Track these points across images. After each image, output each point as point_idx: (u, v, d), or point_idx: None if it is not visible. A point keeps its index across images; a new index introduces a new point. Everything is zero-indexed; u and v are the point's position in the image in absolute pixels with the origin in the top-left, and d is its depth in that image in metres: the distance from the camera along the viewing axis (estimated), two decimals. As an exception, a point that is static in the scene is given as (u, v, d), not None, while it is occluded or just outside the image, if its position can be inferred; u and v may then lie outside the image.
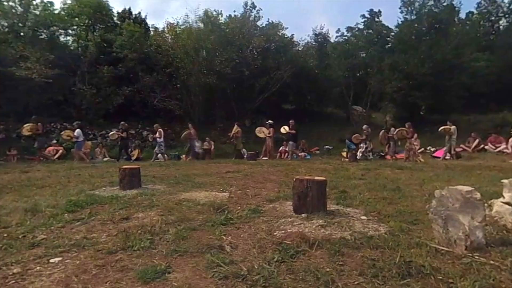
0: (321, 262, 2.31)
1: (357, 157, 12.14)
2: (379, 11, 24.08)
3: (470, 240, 2.49)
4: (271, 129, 13.35)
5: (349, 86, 22.67)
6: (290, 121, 13.24)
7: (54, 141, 14.33)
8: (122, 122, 13.37)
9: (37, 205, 4.06)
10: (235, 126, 14.19)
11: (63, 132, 13.90)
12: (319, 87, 22.35)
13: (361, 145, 12.80)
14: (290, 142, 13.01)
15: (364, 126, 13.62)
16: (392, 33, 23.35)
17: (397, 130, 12.84)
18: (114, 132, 13.53)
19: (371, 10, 24.25)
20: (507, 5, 23.77)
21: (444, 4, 21.31)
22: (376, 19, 24.05)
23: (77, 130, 12.63)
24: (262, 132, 13.84)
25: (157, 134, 13.30)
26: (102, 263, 2.38)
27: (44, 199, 4.53)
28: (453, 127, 12.52)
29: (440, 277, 2.04)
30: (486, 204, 3.00)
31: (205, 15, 20.42)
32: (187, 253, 2.51)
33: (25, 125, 12.20)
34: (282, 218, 3.39)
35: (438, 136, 13.32)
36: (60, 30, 19.74)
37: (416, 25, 21.46)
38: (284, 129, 13.33)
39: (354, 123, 20.35)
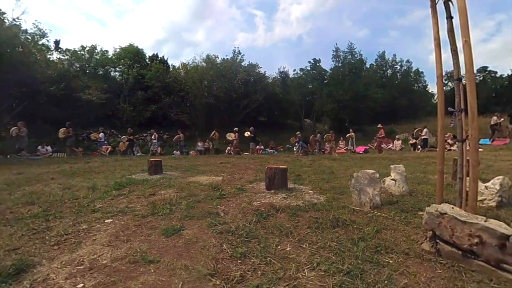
0: (283, 221, 2.36)
1: (296, 153, 11.77)
2: (319, 59, 24.90)
3: (373, 203, 2.65)
4: (236, 134, 12.96)
5: (301, 106, 23.08)
6: (250, 128, 12.89)
7: (105, 142, 13.54)
8: (129, 129, 12.81)
9: (95, 184, 3.95)
10: (214, 131, 13.87)
11: (91, 134, 13.30)
12: (282, 106, 22.47)
13: (296, 145, 12.37)
14: (251, 142, 12.92)
15: (297, 132, 13.13)
16: (328, 73, 24.10)
17: (324, 135, 13.17)
18: (125, 136, 12.83)
19: (314, 58, 25.11)
20: (391, 62, 26.97)
21: (357, 58, 22.70)
22: (318, 64, 24.75)
23: (101, 134, 12.59)
24: (230, 136, 13.34)
25: (152, 137, 13.50)
26: (138, 223, 2.35)
27: (99, 181, 4.37)
28: (353, 134, 13.20)
29: (355, 226, 2.16)
30: (382, 180, 3.20)
31: (207, 57, 20.09)
32: (195, 217, 2.49)
33: (60, 130, 10.81)
34: (258, 193, 3.39)
35: (356, 139, 13.94)
36: (111, 68, 19.70)
37: (341, 69, 22.34)
38: (247, 133, 13.05)
39: (305, 130, 20.72)
